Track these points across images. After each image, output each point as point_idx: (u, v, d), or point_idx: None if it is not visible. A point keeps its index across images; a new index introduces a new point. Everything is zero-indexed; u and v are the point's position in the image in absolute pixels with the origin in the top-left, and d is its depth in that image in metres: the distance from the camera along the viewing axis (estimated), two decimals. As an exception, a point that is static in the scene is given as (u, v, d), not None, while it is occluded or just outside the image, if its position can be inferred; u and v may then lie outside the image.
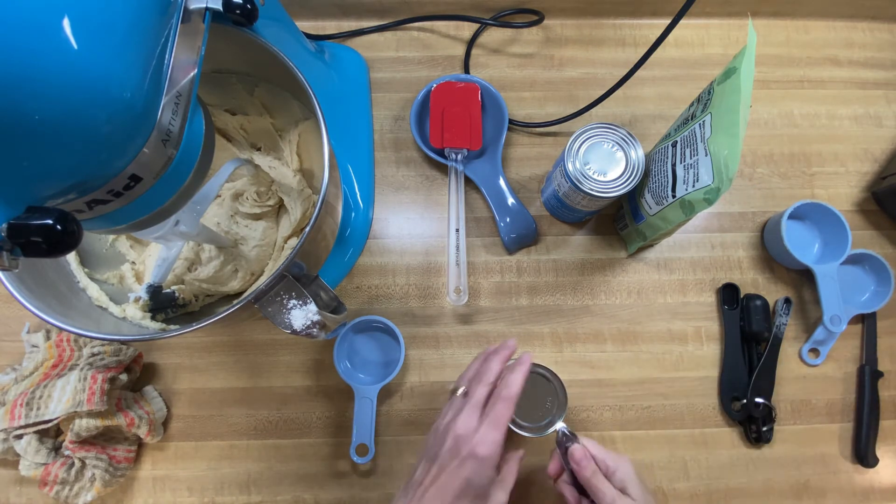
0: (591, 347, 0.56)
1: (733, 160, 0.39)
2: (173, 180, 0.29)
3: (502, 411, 0.38)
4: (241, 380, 0.54)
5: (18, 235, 0.22)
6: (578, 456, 0.42)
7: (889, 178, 0.58)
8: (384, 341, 0.55)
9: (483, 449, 0.37)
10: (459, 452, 0.37)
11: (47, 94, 0.21)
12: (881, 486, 0.53)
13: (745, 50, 0.39)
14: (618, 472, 0.41)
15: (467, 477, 0.36)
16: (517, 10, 0.63)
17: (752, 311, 0.55)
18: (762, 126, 0.62)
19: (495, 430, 0.37)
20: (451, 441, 0.38)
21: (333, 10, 0.63)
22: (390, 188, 0.60)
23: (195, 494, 0.51)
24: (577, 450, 0.42)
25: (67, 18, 0.21)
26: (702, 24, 0.65)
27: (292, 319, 0.36)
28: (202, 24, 0.31)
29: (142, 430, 0.49)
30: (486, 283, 0.57)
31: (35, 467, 0.47)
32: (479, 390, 0.40)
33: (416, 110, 0.59)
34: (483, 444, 0.37)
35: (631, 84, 0.51)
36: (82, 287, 0.45)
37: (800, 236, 0.58)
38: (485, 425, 0.38)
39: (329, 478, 0.52)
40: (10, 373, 0.51)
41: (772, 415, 0.53)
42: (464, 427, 0.38)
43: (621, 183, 0.48)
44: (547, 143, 0.61)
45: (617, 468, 0.41)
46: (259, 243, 0.50)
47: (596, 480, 0.40)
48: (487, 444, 0.37)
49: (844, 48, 0.65)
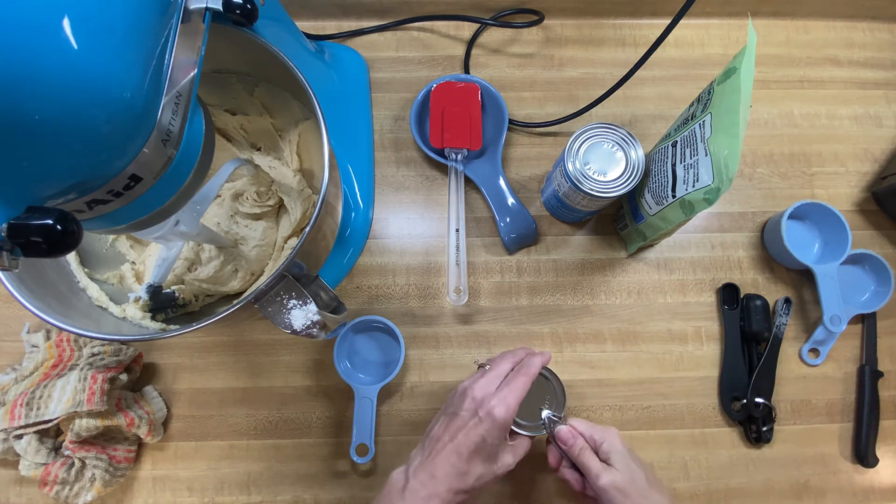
0: (591, 347, 0.56)
1: (733, 160, 0.39)
2: (173, 180, 0.29)
3: (521, 382, 0.41)
4: (241, 380, 0.54)
5: (18, 235, 0.22)
6: (564, 436, 0.43)
7: (889, 178, 0.58)
8: (384, 341, 0.55)
9: (499, 411, 0.39)
10: (477, 412, 0.40)
11: (47, 94, 0.21)
12: (881, 486, 0.53)
13: (745, 50, 0.39)
14: (603, 444, 0.42)
15: (483, 435, 0.39)
16: (517, 10, 0.63)
17: (752, 311, 0.55)
18: (762, 126, 0.62)
19: (512, 396, 0.40)
20: (469, 401, 0.41)
21: (333, 10, 0.63)
22: (390, 188, 0.60)
23: (195, 494, 0.51)
24: (563, 430, 0.43)
25: (67, 18, 0.21)
26: (702, 24, 0.65)
27: (292, 319, 0.36)
28: (202, 24, 0.31)
29: (142, 430, 0.49)
30: (486, 283, 0.57)
31: (35, 467, 0.47)
32: (503, 365, 0.43)
33: (416, 110, 0.59)
34: (500, 406, 0.39)
35: (631, 84, 0.51)
36: (82, 287, 0.45)
37: (800, 236, 0.58)
38: (504, 390, 0.41)
39: (329, 478, 0.52)
40: (10, 373, 0.51)
41: (772, 415, 0.53)
42: (482, 391, 0.41)
43: (621, 183, 0.48)
44: (547, 143, 0.61)
45: (603, 440, 0.42)
46: (259, 243, 0.50)
47: (583, 457, 0.41)
48: (504, 406, 0.39)
49: (844, 48, 0.65)
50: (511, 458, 0.41)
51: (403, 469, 0.41)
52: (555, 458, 0.45)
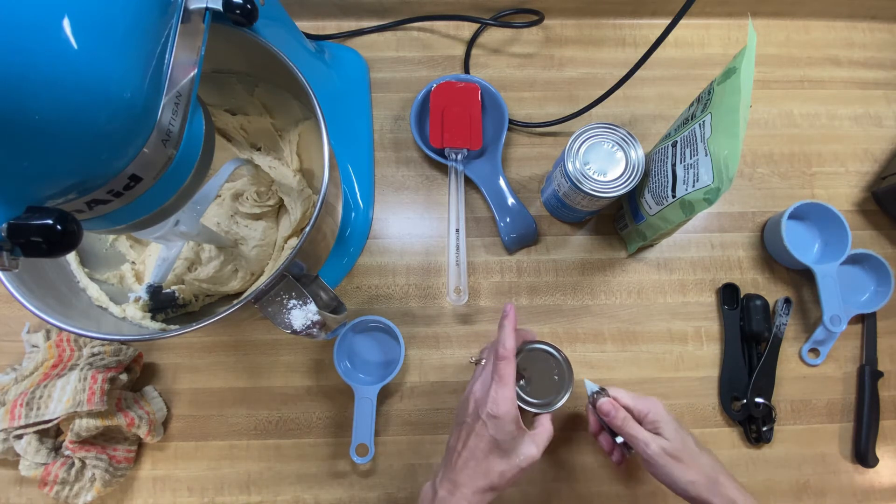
0: (591, 347, 0.56)
1: (733, 160, 0.39)
2: (173, 180, 0.29)
3: (504, 369, 0.41)
4: (241, 380, 0.54)
5: (18, 235, 0.22)
6: (606, 409, 0.44)
7: (889, 178, 0.58)
8: (384, 341, 0.55)
9: (496, 408, 0.40)
10: (480, 415, 0.41)
11: (47, 94, 0.21)
12: (881, 486, 0.53)
13: (745, 50, 0.39)
14: (649, 414, 0.43)
15: (491, 435, 0.40)
16: (517, 10, 0.63)
17: (752, 311, 0.55)
18: (762, 126, 0.62)
19: (503, 388, 0.41)
20: (472, 405, 0.42)
21: (333, 10, 0.63)
22: (390, 188, 0.60)
23: (195, 494, 0.51)
24: (604, 403, 0.44)
25: (67, 19, 0.21)
26: (702, 24, 0.65)
27: (292, 319, 0.36)
28: (202, 24, 0.31)
29: (142, 430, 0.49)
30: (486, 283, 0.57)
31: (35, 467, 0.47)
32: (491, 357, 0.44)
33: (416, 110, 0.59)
34: (495, 404, 0.40)
35: (631, 84, 0.51)
36: (82, 287, 0.45)
37: (800, 236, 0.58)
38: (493, 387, 0.41)
39: (329, 478, 0.52)
40: (10, 373, 0.51)
41: (772, 415, 0.53)
42: (480, 391, 0.42)
43: (621, 183, 0.48)
44: (547, 143, 0.61)
45: (648, 411, 0.43)
46: (259, 243, 0.50)
47: (627, 427, 0.43)
48: (499, 402, 0.40)
49: (844, 48, 0.65)
50: (534, 448, 0.41)
51: (430, 483, 0.42)
52: (595, 426, 0.47)
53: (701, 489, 0.40)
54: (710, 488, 0.40)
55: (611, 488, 0.52)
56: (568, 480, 0.52)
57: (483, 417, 0.40)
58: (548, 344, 0.47)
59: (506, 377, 0.41)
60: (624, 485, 0.52)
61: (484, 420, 0.40)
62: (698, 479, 0.40)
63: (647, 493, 0.51)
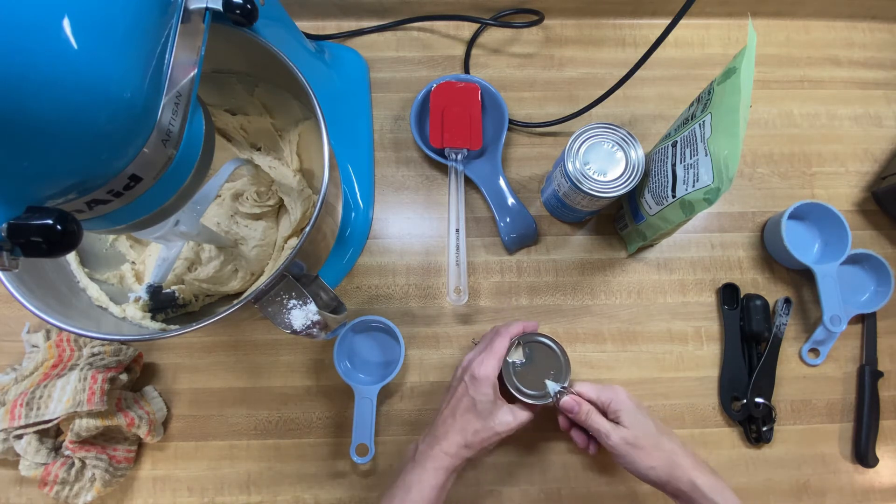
0: (592, 347, 0.56)
1: (733, 160, 0.39)
2: (173, 180, 0.29)
3: (498, 343, 0.45)
4: (241, 380, 0.54)
5: (18, 235, 0.22)
6: (568, 406, 0.45)
7: (889, 178, 0.58)
8: (384, 341, 0.55)
9: (478, 370, 0.44)
10: (464, 378, 0.45)
11: (47, 94, 0.21)
12: (881, 486, 0.53)
13: (745, 50, 0.39)
14: (611, 403, 0.44)
15: (471, 395, 0.44)
16: (517, 10, 0.63)
17: (752, 311, 0.55)
18: (762, 126, 0.62)
19: (491, 358, 0.45)
20: (460, 371, 0.47)
21: (333, 10, 0.63)
22: (390, 188, 0.60)
23: (195, 494, 0.51)
24: (566, 401, 0.45)
25: (67, 19, 0.21)
26: (702, 24, 0.65)
27: (292, 319, 0.36)
28: (202, 24, 0.31)
29: (142, 430, 0.49)
30: (486, 283, 0.57)
31: (35, 467, 0.47)
32: (488, 335, 0.48)
33: (416, 110, 0.59)
34: (479, 367, 0.44)
35: (631, 84, 0.51)
36: (82, 287, 0.45)
37: (800, 236, 0.58)
38: (483, 353, 0.45)
39: (329, 478, 0.52)
40: (10, 373, 0.51)
41: (772, 415, 0.53)
42: (469, 360, 0.47)
43: (621, 183, 0.48)
44: (547, 143, 0.61)
45: (610, 400, 0.44)
46: (259, 243, 0.50)
47: (591, 420, 0.44)
48: (483, 366, 0.44)
49: (844, 48, 0.65)
50: (511, 417, 0.44)
51: (414, 442, 0.46)
52: (564, 423, 0.48)
53: (661, 473, 0.41)
54: (670, 472, 0.41)
55: (611, 488, 0.52)
56: (567, 480, 0.52)
57: (466, 379, 0.44)
58: (552, 340, 0.48)
59: (497, 349, 0.45)
60: (624, 484, 0.52)
61: (466, 381, 0.44)
62: (658, 465, 0.41)
63: (647, 492, 0.51)
